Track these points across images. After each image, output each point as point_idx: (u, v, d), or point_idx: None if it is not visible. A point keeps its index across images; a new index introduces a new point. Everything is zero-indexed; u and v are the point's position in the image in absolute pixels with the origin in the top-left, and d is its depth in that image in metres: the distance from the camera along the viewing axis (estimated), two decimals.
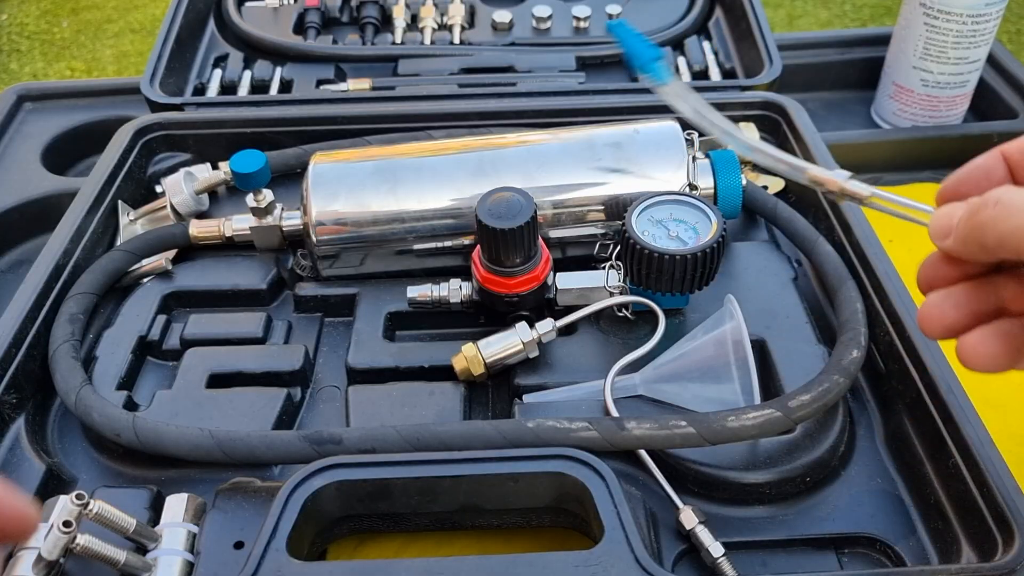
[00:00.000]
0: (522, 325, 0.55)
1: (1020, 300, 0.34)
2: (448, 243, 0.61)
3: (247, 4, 0.95)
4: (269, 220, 0.64)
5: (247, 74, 0.86)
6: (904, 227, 0.78)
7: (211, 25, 0.92)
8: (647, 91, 0.76)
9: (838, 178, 0.38)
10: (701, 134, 0.69)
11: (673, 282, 0.54)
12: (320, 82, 0.85)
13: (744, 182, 0.63)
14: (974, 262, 0.34)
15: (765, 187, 0.71)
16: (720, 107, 0.72)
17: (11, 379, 0.54)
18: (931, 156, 0.82)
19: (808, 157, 0.68)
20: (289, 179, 0.71)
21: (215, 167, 0.72)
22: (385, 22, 0.93)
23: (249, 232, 0.64)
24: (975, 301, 0.34)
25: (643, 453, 0.50)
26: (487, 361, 0.54)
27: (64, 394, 0.53)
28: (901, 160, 0.81)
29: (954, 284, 0.35)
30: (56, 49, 2.36)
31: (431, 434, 0.48)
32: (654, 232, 0.55)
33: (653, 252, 0.52)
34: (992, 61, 0.87)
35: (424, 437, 0.48)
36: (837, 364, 0.51)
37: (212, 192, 0.71)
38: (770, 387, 0.54)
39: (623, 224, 0.55)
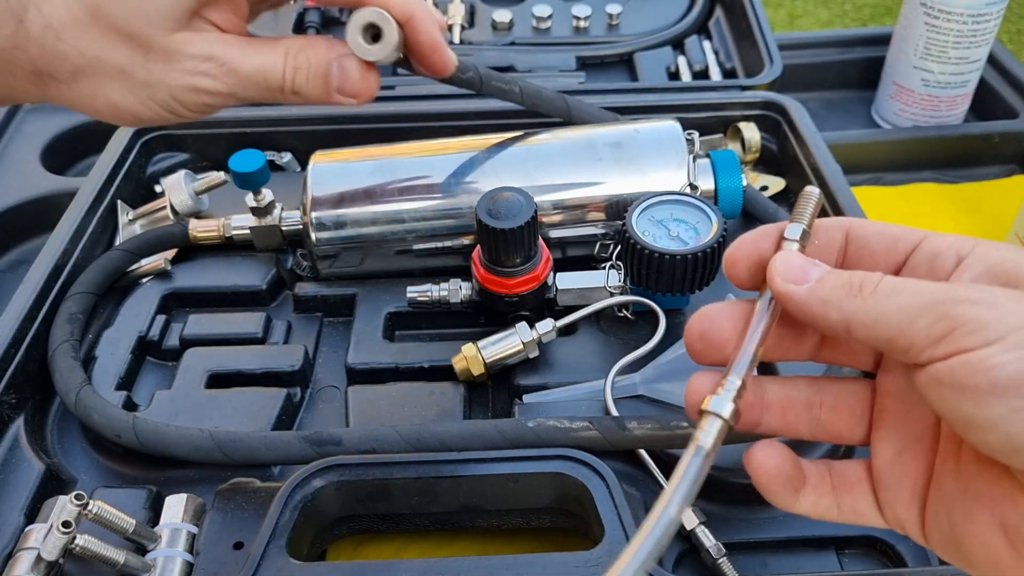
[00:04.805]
0: (522, 325, 0.54)
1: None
2: (448, 243, 0.61)
3: None
4: (269, 220, 0.63)
5: None
6: None
7: None
8: (648, 91, 0.76)
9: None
10: (702, 134, 0.69)
11: (674, 282, 0.53)
12: None
13: (744, 184, 0.63)
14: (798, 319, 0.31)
15: (765, 187, 0.71)
16: (721, 107, 0.73)
17: (10, 379, 0.54)
18: (932, 156, 0.82)
19: (808, 157, 0.68)
20: (289, 179, 0.71)
21: (215, 167, 0.72)
22: None
23: (249, 232, 0.64)
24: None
25: (643, 453, 0.50)
26: (487, 361, 0.54)
27: (64, 394, 0.53)
28: (901, 160, 0.81)
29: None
30: None
31: (431, 434, 0.47)
32: (654, 232, 0.55)
33: (653, 252, 0.52)
34: (993, 61, 0.87)
35: (424, 437, 0.47)
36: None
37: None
38: None
39: (623, 224, 0.55)
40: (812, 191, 0.33)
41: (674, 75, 0.84)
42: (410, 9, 0.36)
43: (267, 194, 0.63)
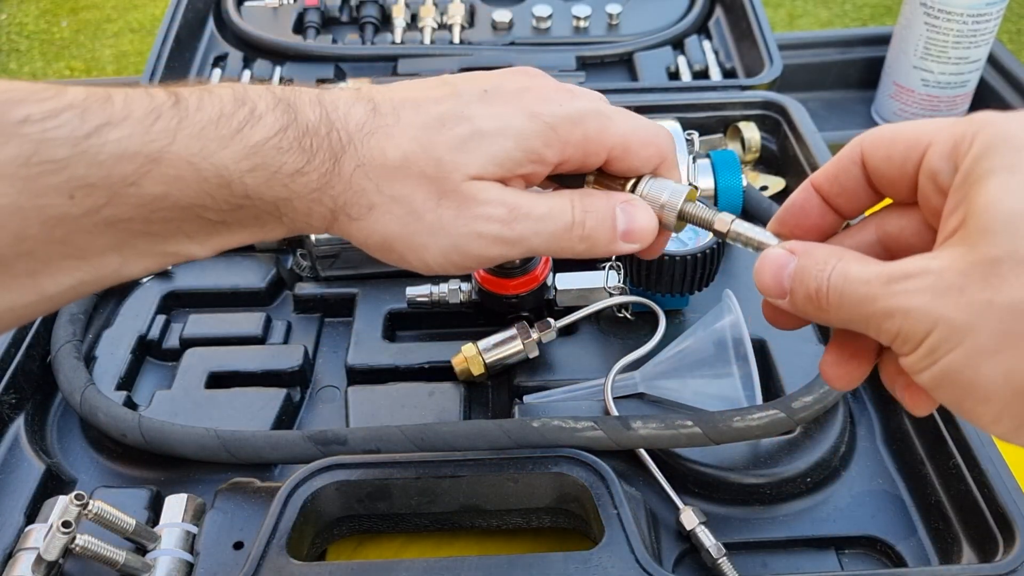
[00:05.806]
0: (522, 325, 0.54)
1: None
2: None
3: (246, 3, 0.94)
4: None
5: (246, 74, 0.85)
6: None
7: (210, 25, 0.92)
8: (648, 91, 0.76)
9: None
10: (702, 134, 0.69)
11: (673, 283, 0.53)
12: (320, 82, 0.84)
13: (744, 184, 0.63)
14: None
15: (765, 187, 0.71)
16: (721, 107, 0.73)
17: (10, 379, 0.54)
18: None
19: (808, 157, 0.68)
20: None
21: None
22: (385, 21, 0.93)
23: None
24: None
25: (643, 453, 0.49)
26: (487, 361, 0.54)
27: (69, 394, 0.53)
28: None
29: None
30: (55, 49, 2.36)
31: (436, 434, 0.47)
32: None
33: None
34: (992, 61, 0.87)
35: (429, 437, 0.47)
36: None
37: None
38: (770, 387, 0.54)
39: None
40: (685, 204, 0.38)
41: (674, 75, 0.84)
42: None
43: None
